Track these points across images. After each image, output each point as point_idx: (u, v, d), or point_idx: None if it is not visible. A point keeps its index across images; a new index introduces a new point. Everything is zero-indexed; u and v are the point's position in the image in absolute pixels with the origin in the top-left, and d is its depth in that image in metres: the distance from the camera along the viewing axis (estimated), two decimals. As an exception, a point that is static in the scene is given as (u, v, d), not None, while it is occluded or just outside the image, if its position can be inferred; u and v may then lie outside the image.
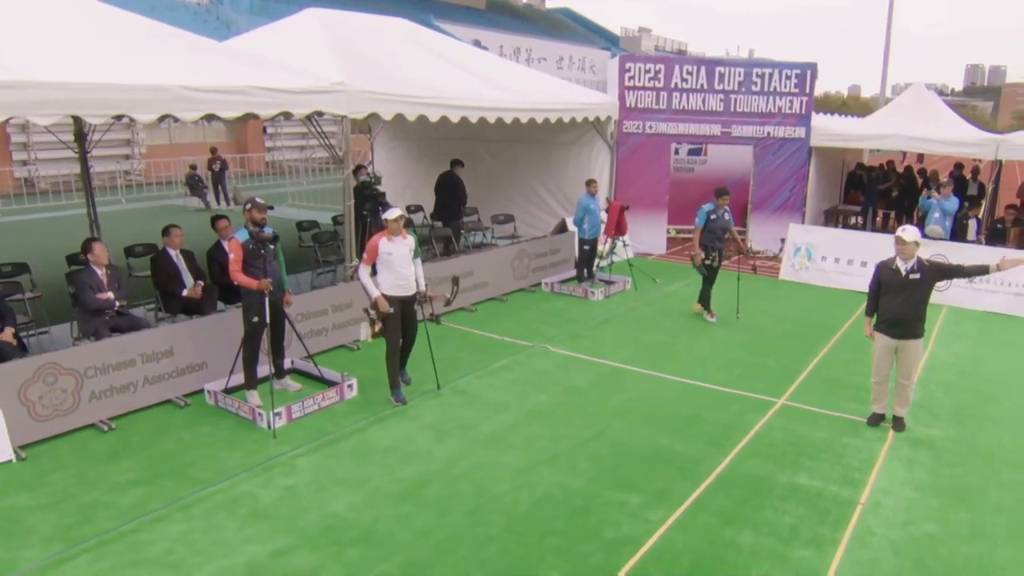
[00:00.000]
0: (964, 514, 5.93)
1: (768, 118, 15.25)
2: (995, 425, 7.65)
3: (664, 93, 15.03)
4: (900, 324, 7.11)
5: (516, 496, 6.01)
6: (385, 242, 7.46)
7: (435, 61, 11.73)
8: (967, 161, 18.75)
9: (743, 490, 6.19)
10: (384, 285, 7.53)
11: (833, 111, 30.50)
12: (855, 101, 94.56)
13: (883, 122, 15.63)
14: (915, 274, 7.00)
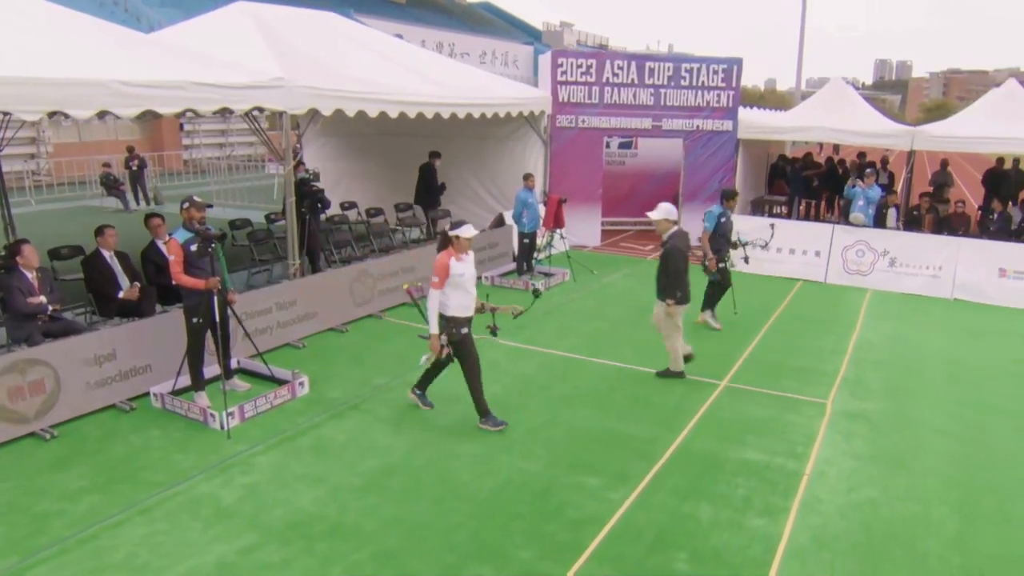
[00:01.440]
0: (900, 479, 6.43)
1: (697, 112, 15.83)
2: (921, 397, 8.26)
3: (596, 88, 15.42)
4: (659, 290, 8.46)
5: (479, 483, 6.20)
6: (454, 262, 6.81)
7: (369, 55, 11.77)
8: (874, 151, 19.77)
9: (697, 467, 6.54)
10: (452, 306, 6.89)
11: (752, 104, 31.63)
12: (772, 94, 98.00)
13: (806, 115, 16.39)
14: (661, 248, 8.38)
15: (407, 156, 14.98)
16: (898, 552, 5.41)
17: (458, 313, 6.94)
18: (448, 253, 6.85)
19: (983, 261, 12.82)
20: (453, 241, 6.86)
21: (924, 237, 13.95)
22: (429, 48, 22.34)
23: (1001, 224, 14.75)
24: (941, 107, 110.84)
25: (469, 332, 7.02)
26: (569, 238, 14.41)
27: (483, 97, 12.59)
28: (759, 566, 5.20)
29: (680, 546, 5.40)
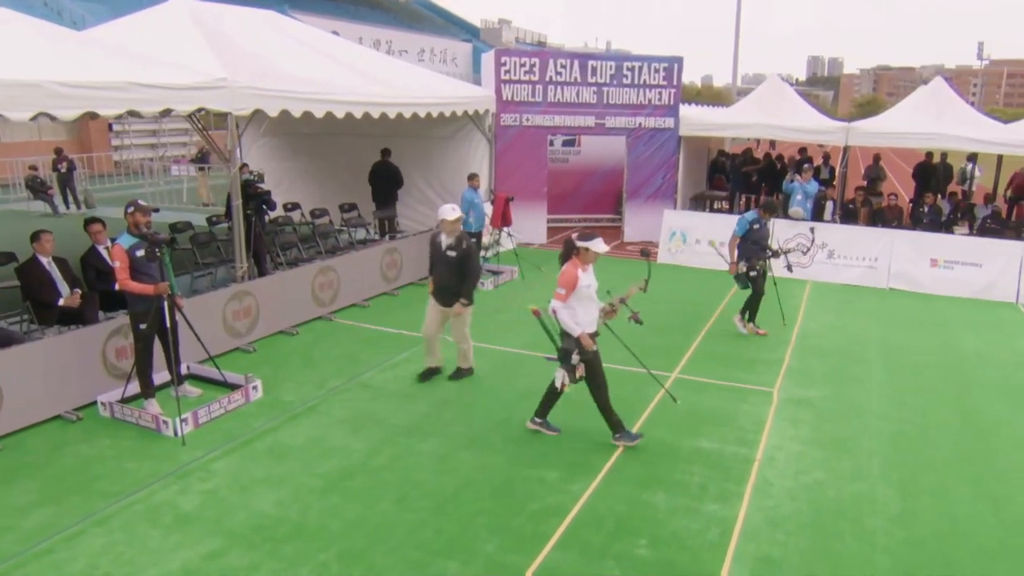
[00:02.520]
0: (845, 461, 6.81)
1: (639, 109, 16.20)
2: (862, 383, 8.71)
3: (539, 86, 15.65)
4: (443, 292, 8.07)
5: (440, 480, 6.33)
6: (581, 273, 6.60)
7: (311, 54, 11.74)
8: (811, 147, 20.48)
9: (652, 457, 6.80)
10: (584, 321, 6.67)
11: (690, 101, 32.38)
12: (709, 91, 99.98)
13: (745, 112, 16.91)
14: (451, 251, 7.90)
15: (350, 156, 14.96)
16: (846, 529, 5.75)
17: (589, 327, 6.69)
18: (575, 264, 6.60)
19: (916, 252, 13.50)
20: (580, 252, 6.60)
21: (860, 230, 14.58)
22: (366, 45, 22.26)
23: (932, 216, 15.48)
24: (872, 102, 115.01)
25: (598, 349, 6.77)
26: (516, 236, 14.61)
27: (428, 96, 12.68)
28: (716, 548, 5.47)
29: (640, 532, 5.63)
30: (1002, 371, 9.43)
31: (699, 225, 14.93)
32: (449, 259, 7.93)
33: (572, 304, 6.60)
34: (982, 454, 7.13)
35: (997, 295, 12.98)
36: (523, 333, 10.18)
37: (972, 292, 13.06)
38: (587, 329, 6.65)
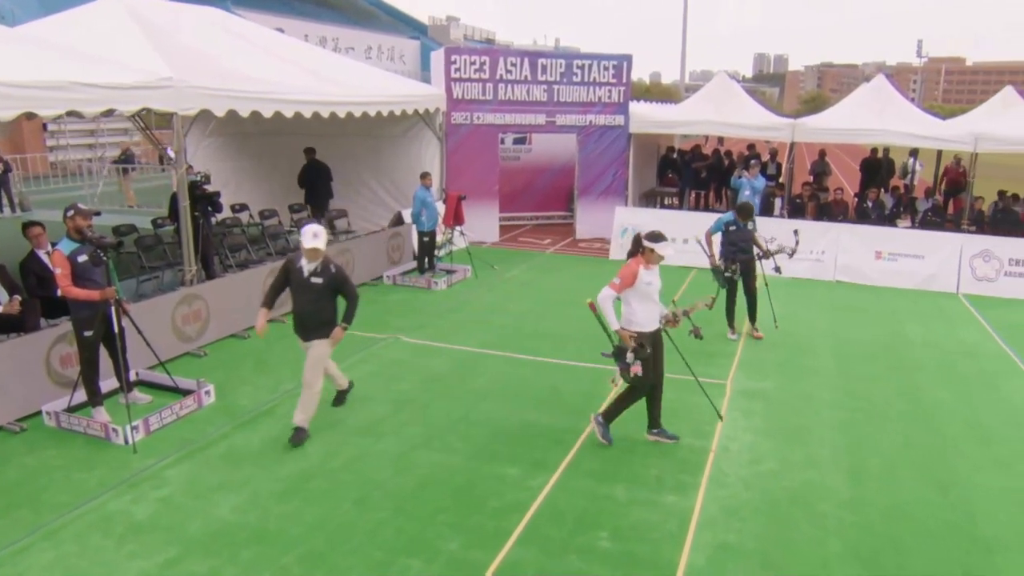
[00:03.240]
0: (797, 450, 7.04)
1: (589, 107, 16.39)
2: (812, 374, 8.99)
3: (490, 84, 15.73)
4: (305, 324, 6.96)
5: (400, 480, 6.37)
6: (643, 270, 6.57)
7: (257, 52, 11.63)
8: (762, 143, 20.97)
9: (610, 451, 6.93)
10: (639, 320, 6.65)
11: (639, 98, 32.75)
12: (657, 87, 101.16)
13: (694, 109, 17.23)
14: (317, 277, 6.79)
15: (299, 155, 14.85)
16: (799, 515, 5.96)
17: (646, 327, 6.66)
18: (638, 260, 6.62)
19: (861, 245, 13.94)
20: (646, 251, 6.60)
21: (808, 224, 14.97)
22: (312, 43, 22.04)
23: (877, 210, 15.98)
24: (816, 99, 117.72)
25: (652, 351, 6.70)
26: (469, 234, 14.67)
27: (378, 95, 12.66)
28: (675, 538, 5.62)
29: (601, 525, 5.75)
30: (945, 358, 9.81)
31: (650, 222, 15.03)
32: (314, 287, 6.79)
33: (631, 301, 6.67)
34: (927, 439, 7.43)
35: (939, 285, 13.48)
36: (479, 332, 10.26)
37: (915, 283, 13.54)
38: (644, 328, 6.66)
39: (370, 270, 12.62)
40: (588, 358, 9.33)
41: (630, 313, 6.69)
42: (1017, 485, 6.58)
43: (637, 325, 6.65)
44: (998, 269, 13.45)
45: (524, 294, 12.31)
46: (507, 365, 9.11)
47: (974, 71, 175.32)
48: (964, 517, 6.05)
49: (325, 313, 6.91)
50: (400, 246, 13.51)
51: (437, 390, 8.31)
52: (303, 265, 6.81)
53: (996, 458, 7.08)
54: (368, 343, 9.67)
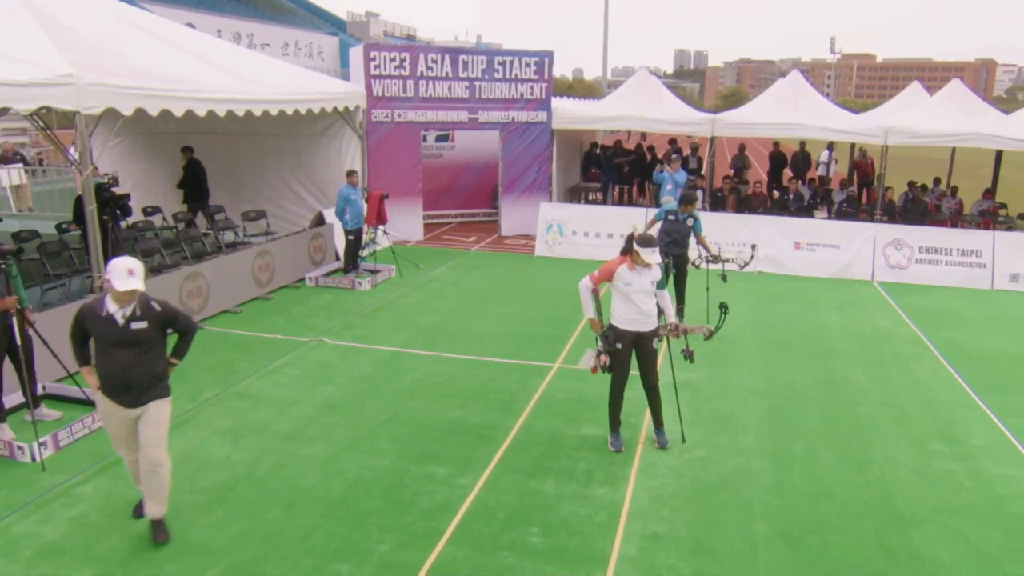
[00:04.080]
0: (724, 437, 7.26)
1: (512, 104, 16.48)
2: (737, 362, 9.26)
3: (411, 81, 15.65)
4: (128, 385, 5.32)
5: (328, 485, 6.30)
6: (626, 269, 6.63)
7: (165, 48, 11.28)
8: (682, 138, 21.46)
9: (539, 446, 7.00)
10: (617, 317, 6.76)
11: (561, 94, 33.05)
12: (580, 84, 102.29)
13: (616, 104, 17.49)
14: (139, 322, 5.26)
15: (215, 156, 14.51)
16: (727, 501, 6.14)
17: (620, 324, 6.75)
18: (623, 259, 6.67)
19: (781, 236, 14.42)
20: (633, 253, 6.60)
21: (729, 217, 15.42)
22: (226, 39, 21.58)
23: (796, 202, 16.53)
24: (735, 94, 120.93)
25: (628, 350, 6.80)
26: (392, 234, 14.58)
27: (295, 92, 12.46)
28: (606, 530, 5.71)
29: (532, 521, 5.81)
30: (862, 344, 10.25)
31: (575, 217, 15.38)
32: (138, 335, 5.25)
33: (613, 296, 6.80)
34: (847, 422, 7.75)
35: (855, 274, 14.06)
36: (405, 331, 10.22)
37: (832, 272, 14.09)
38: (620, 325, 6.75)
39: (292, 272, 12.42)
40: (516, 355, 9.41)
41: (613, 308, 6.81)
42: (930, 462, 6.93)
43: (615, 320, 6.79)
44: (909, 257, 14.10)
45: (450, 292, 12.32)
46: (434, 364, 9.11)
47: (884, 67, 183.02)
48: (882, 495, 6.34)
49: (158, 364, 5.46)
50: (322, 246, 13.34)
51: (364, 391, 8.25)
52: (112, 312, 5.23)
53: (910, 437, 7.44)
54: (292, 346, 9.53)
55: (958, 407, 8.26)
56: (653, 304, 6.80)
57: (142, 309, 5.30)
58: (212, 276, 10.58)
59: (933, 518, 6.02)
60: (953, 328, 11.14)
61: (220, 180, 14.60)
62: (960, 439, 7.45)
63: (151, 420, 5.43)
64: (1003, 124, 15.65)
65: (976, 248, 13.98)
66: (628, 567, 5.30)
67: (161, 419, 5.48)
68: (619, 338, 6.78)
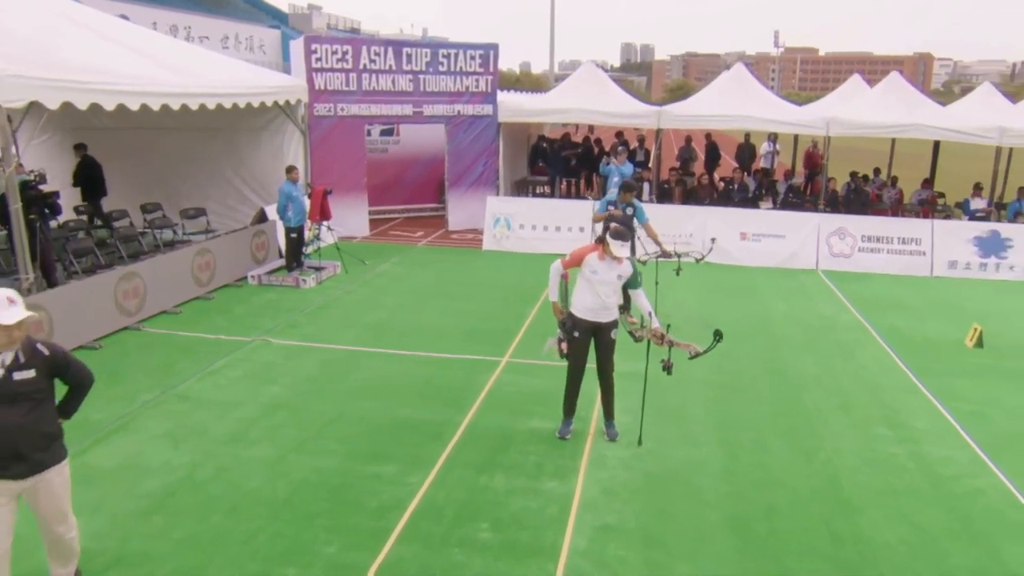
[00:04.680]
0: (673, 428, 7.35)
1: (457, 97, 16.40)
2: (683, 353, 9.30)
3: (353, 74, 15.46)
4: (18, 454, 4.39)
5: (273, 487, 6.20)
6: (595, 258, 6.69)
7: (96, 40, 10.95)
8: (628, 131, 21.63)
9: (488, 441, 6.99)
10: (577, 306, 6.82)
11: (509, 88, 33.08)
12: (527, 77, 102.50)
13: (562, 98, 17.54)
14: (23, 371, 4.32)
15: (151, 152, 14.16)
16: (677, 490, 6.22)
17: (580, 313, 6.80)
18: (596, 247, 6.73)
19: (727, 227, 14.63)
20: (606, 244, 6.62)
21: (676, 208, 15.60)
22: (162, 31, 21.02)
23: (741, 193, 16.78)
24: (682, 87, 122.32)
25: (586, 339, 6.86)
26: (337, 230, 14.41)
27: (233, 86, 12.21)
28: (556, 523, 5.73)
29: (481, 517, 5.80)
30: (807, 331, 10.47)
31: (522, 210, 15.39)
32: (22, 388, 4.33)
33: (577, 282, 6.82)
34: (793, 409, 7.90)
35: (800, 263, 14.35)
36: (352, 329, 10.12)
37: (778, 261, 14.35)
38: (578, 314, 6.81)
39: (233, 270, 12.17)
40: (464, 350, 9.38)
41: (575, 296, 6.85)
42: (874, 447, 7.11)
43: (575, 309, 6.83)
44: (852, 245, 14.44)
45: (397, 288, 12.23)
46: (381, 361, 9.02)
47: (826, 61, 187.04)
48: (829, 481, 6.48)
49: (48, 421, 4.56)
50: (265, 244, 13.11)
51: (310, 391, 8.13)
52: None
53: (855, 423, 7.62)
54: (234, 347, 9.34)
55: (901, 392, 8.49)
56: (616, 299, 6.85)
57: (27, 355, 4.34)
58: (149, 276, 10.31)
59: (878, 501, 6.17)
60: (895, 315, 11.43)
61: (157, 177, 14.26)
62: (903, 423, 7.65)
63: (51, 492, 4.62)
64: (940, 116, 16.13)
65: (916, 236, 14.38)
66: (579, 560, 5.32)
67: (62, 490, 4.70)
68: (576, 327, 6.81)
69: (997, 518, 6.00)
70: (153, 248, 12.30)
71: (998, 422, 7.78)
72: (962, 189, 17.78)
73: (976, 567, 5.39)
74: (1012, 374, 9.14)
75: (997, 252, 14.21)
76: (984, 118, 15.80)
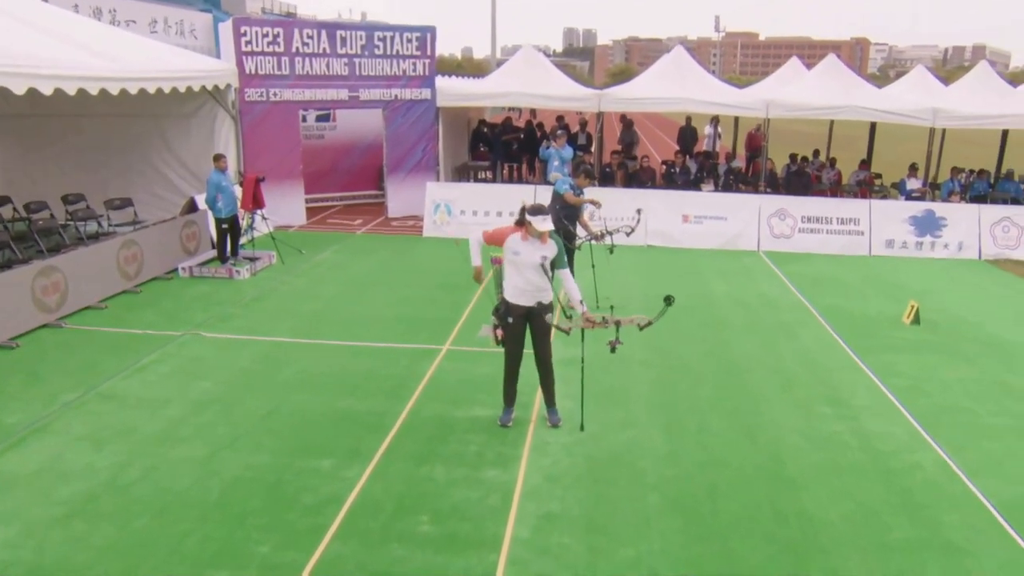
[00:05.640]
0: (616, 411, 7.33)
1: (394, 81, 16.14)
2: (626, 336, 9.18)
3: (286, 58, 15.09)
4: None
5: (204, 486, 5.98)
6: (517, 238, 6.57)
7: (9, 22, 10.46)
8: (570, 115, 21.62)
9: (428, 432, 6.87)
10: (509, 290, 6.70)
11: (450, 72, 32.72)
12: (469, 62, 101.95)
13: (501, 82, 17.38)
14: None
15: (73, 140, 13.63)
16: (620, 475, 6.19)
17: (512, 298, 6.70)
18: (517, 229, 6.61)
19: (669, 210, 14.71)
20: (527, 223, 6.51)
21: (618, 191, 15.62)
22: (84, 14, 20.24)
23: (683, 175, 16.89)
24: (624, 72, 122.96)
25: (521, 324, 6.75)
26: (272, 219, 14.08)
27: (158, 70, 11.78)
28: (498, 513, 5.64)
29: (421, 510, 5.68)
30: (749, 312, 10.57)
31: (463, 196, 15.25)
32: None
33: (507, 269, 6.73)
34: (736, 390, 7.95)
35: (742, 244, 14.51)
36: (288, 320, 9.88)
37: (720, 243, 14.49)
38: (514, 299, 6.70)
39: (162, 263, 11.78)
40: (404, 339, 9.24)
41: (506, 281, 6.76)
42: (816, 425, 7.18)
43: (507, 294, 6.74)
44: (793, 226, 14.65)
45: (335, 278, 11.99)
46: (318, 353, 8.82)
47: (766, 45, 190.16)
48: (772, 460, 6.52)
49: None
50: (196, 234, 12.71)
51: (243, 386, 7.89)
52: None
53: (797, 402, 7.70)
54: (162, 342, 9.02)
55: (841, 370, 8.61)
56: (545, 280, 6.68)
57: None
58: (70, 270, 9.89)
59: (821, 479, 6.23)
60: (835, 294, 11.62)
61: (80, 166, 13.72)
62: (844, 401, 7.76)
63: None
64: (876, 98, 16.42)
65: (854, 216, 14.65)
66: (521, 549, 5.25)
67: None
68: (510, 312, 6.73)
69: (935, 491, 6.11)
70: (76, 241, 11.82)
71: (934, 396, 7.95)
72: (898, 170, 18.21)
73: (916, 539, 5.47)
74: (947, 348, 9.36)
75: (932, 231, 14.57)
76: (918, 100, 16.19)
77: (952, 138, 18.96)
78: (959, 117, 15.37)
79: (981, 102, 15.81)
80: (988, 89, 16.59)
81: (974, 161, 18.56)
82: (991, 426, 7.32)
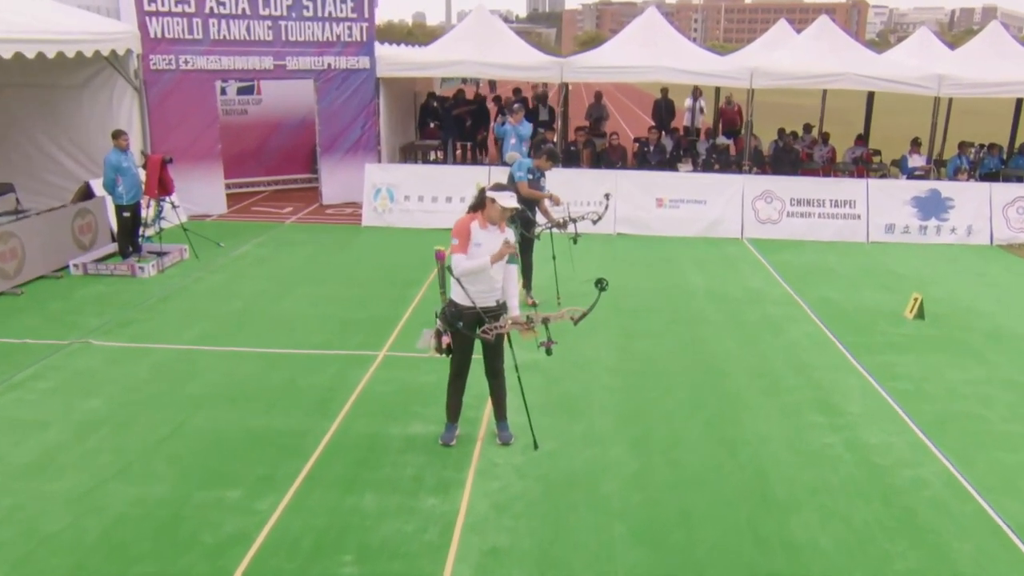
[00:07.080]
0: (576, 425, 7.12)
1: (327, 47, 15.80)
2: (589, 335, 9.11)
3: (198, 20, 14.66)
4: None
5: (81, 527, 5.62)
6: (476, 227, 6.32)
7: None
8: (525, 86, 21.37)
9: (358, 453, 6.60)
10: (458, 291, 6.32)
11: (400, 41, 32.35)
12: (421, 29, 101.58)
13: (450, 48, 17.04)
14: None
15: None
16: (580, 500, 5.96)
17: (463, 300, 6.33)
18: (473, 217, 6.37)
19: (642, 193, 14.55)
20: (487, 204, 6.30)
21: (584, 172, 15.43)
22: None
23: (658, 155, 16.74)
24: (595, 39, 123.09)
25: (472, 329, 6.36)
26: (186, 207, 13.67)
27: (37, 31, 11.32)
28: (436, 550, 5.38)
29: (344, 547, 5.40)
30: (730, 307, 10.44)
31: (407, 179, 14.94)
32: None
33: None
34: (714, 396, 7.78)
35: (724, 231, 14.40)
36: (198, 324, 9.56)
37: (699, 230, 14.37)
38: (465, 301, 6.32)
39: (50, 259, 11.32)
40: (334, 344, 8.98)
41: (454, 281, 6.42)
42: (806, 437, 7.02)
43: (456, 296, 6.40)
44: (780, 210, 14.57)
45: (258, 273, 11.66)
46: (232, 361, 8.49)
47: (753, 8, 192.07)
48: (755, 478, 6.34)
49: None
50: (92, 225, 12.28)
51: (139, 403, 7.53)
52: None
53: (784, 409, 7.55)
54: (45, 352, 8.61)
55: (834, 371, 8.49)
56: (500, 276, 6.49)
57: None
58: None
59: (811, 499, 6.07)
60: (828, 285, 11.55)
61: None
62: (837, 407, 7.62)
63: None
64: (875, 64, 16.31)
65: (850, 198, 14.61)
66: (461, 593, 4.99)
67: None
68: (460, 316, 6.42)
69: (941, 511, 5.97)
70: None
71: (939, 400, 7.85)
72: (899, 145, 18.26)
73: (921, 568, 5.32)
74: (954, 346, 9.29)
75: (937, 213, 14.57)
76: (921, 66, 16.10)
77: (959, 109, 19.08)
78: (967, 85, 15.39)
79: (992, 68, 15.77)
80: (1000, 54, 16.52)
81: (984, 134, 18.69)
82: (1004, 434, 7.22)
